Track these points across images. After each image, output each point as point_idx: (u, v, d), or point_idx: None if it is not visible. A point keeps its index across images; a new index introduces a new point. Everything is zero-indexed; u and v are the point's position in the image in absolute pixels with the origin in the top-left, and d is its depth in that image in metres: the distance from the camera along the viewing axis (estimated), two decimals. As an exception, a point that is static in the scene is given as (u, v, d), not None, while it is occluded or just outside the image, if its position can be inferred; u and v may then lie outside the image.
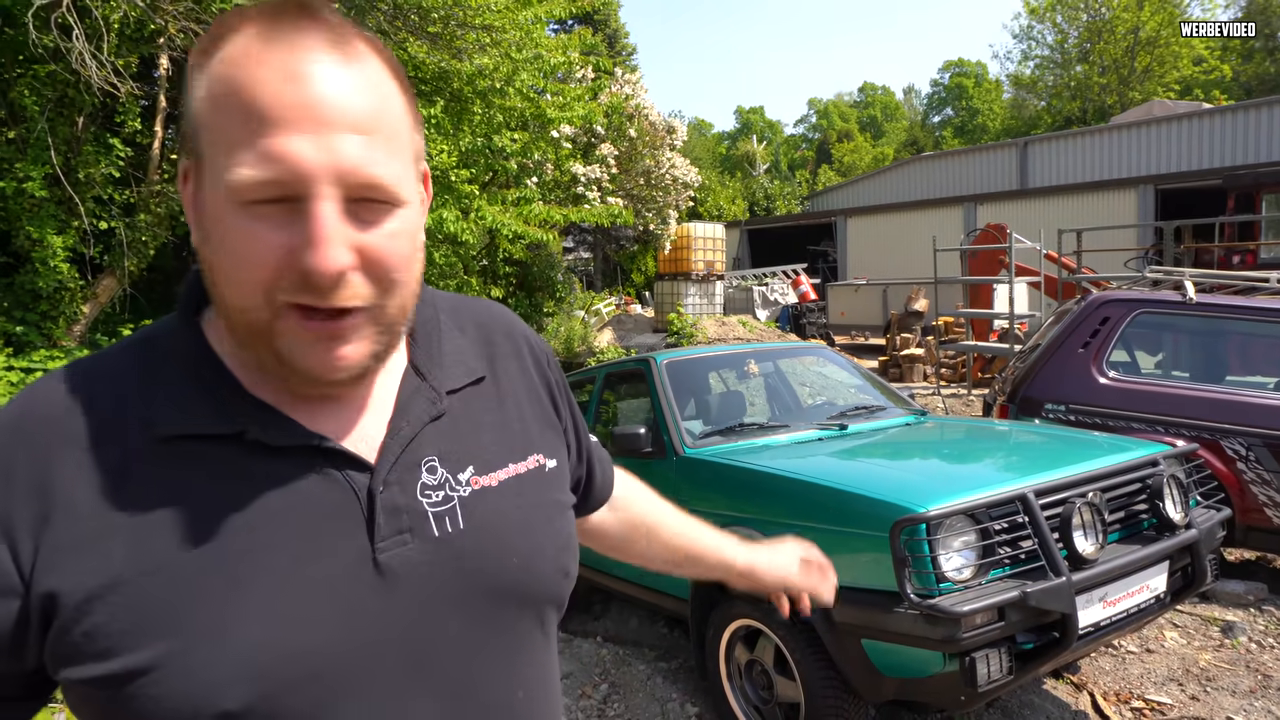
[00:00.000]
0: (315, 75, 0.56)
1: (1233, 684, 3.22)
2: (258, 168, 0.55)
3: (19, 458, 0.59)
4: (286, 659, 0.59)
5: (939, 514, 2.19)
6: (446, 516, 0.67)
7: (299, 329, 0.59)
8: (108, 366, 0.64)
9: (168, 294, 9.65)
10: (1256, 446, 3.98)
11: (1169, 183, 16.43)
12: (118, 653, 0.56)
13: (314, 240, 0.56)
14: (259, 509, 0.61)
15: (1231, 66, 34.65)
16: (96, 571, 0.57)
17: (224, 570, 0.58)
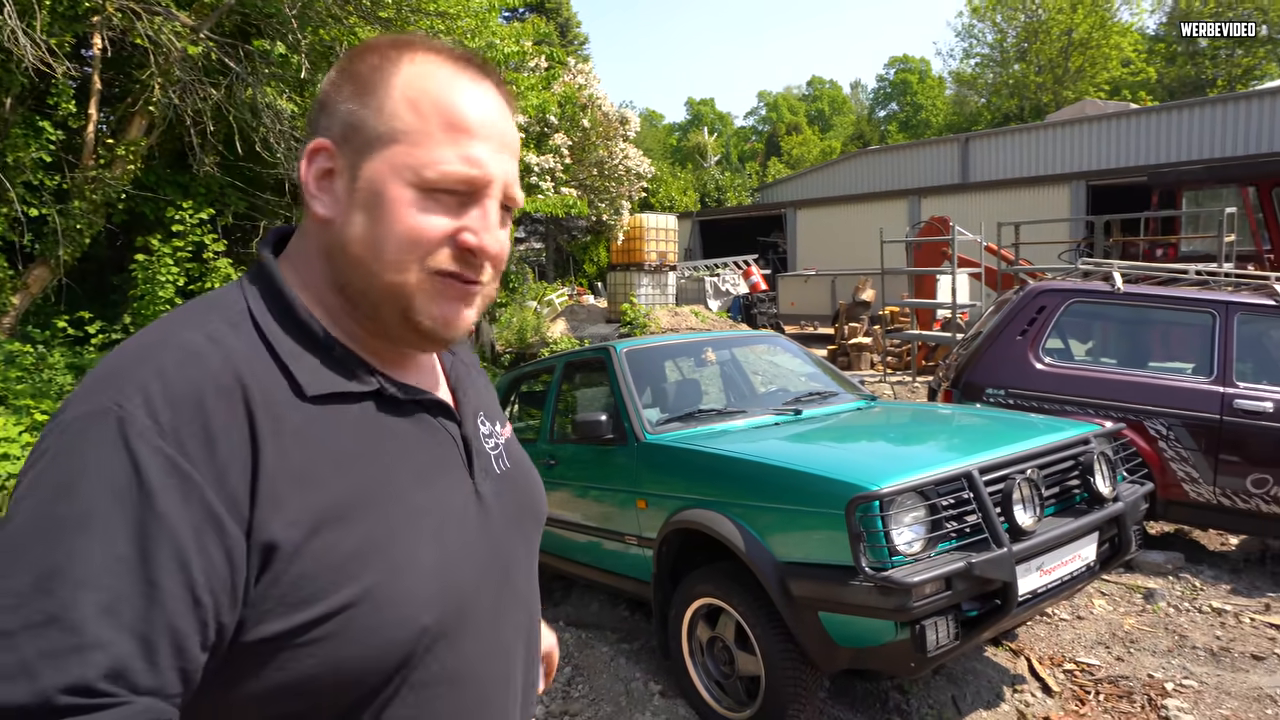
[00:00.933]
0: (502, 111, 0.74)
1: (1153, 645, 3.47)
2: (461, 165, 0.70)
3: (217, 425, 0.61)
4: (455, 575, 0.71)
5: (891, 491, 2.32)
6: (500, 458, 0.84)
7: (441, 287, 0.72)
8: (234, 336, 0.67)
9: (103, 284, 9.29)
10: (1176, 427, 4.26)
11: (1099, 179, 17.18)
12: (325, 594, 0.62)
13: (486, 227, 0.72)
14: (403, 452, 0.72)
15: (1156, 69, 36.25)
16: (301, 520, 0.62)
17: (398, 507, 0.68)
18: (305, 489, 0.63)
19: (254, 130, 6.57)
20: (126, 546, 0.56)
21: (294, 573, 0.61)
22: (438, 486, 0.73)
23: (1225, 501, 4.17)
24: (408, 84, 0.70)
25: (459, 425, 0.79)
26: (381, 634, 0.64)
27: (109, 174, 6.81)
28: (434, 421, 0.76)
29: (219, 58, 6.20)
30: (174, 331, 0.65)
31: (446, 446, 0.76)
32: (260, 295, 0.72)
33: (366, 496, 0.66)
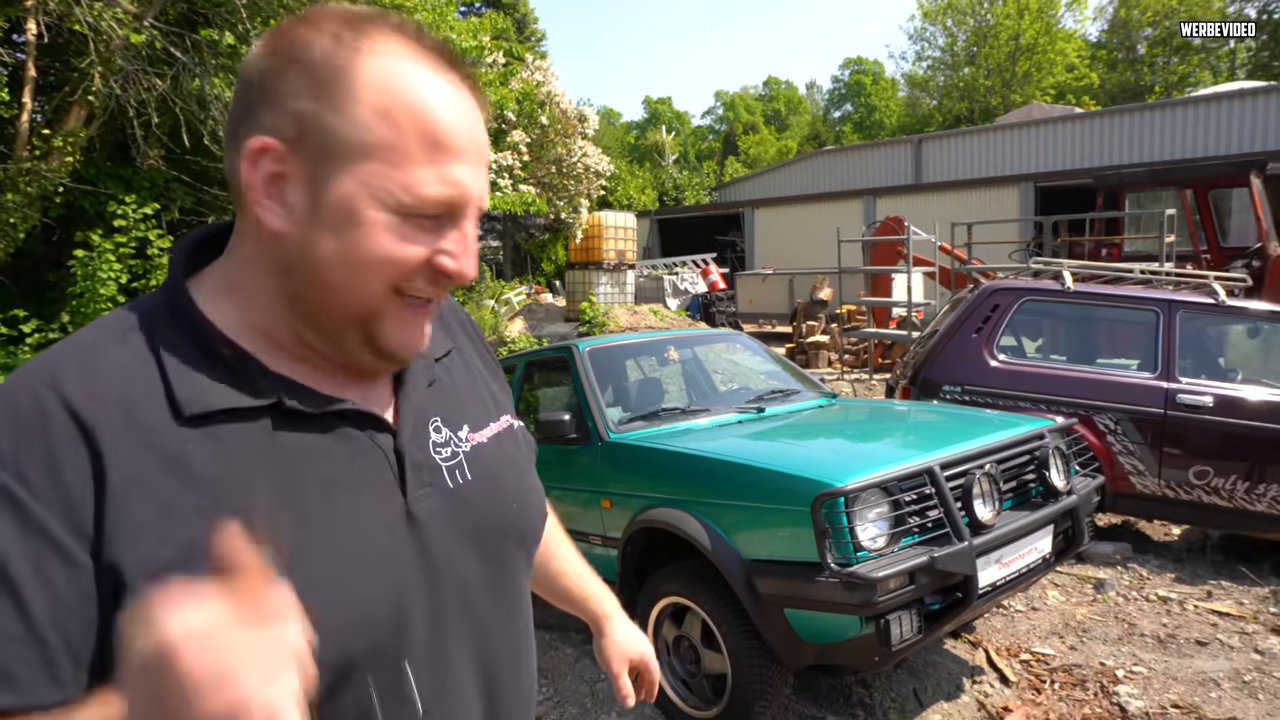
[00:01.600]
0: (477, 117, 0.67)
1: (1104, 633, 3.58)
2: (442, 188, 0.64)
3: (61, 448, 0.57)
4: (352, 613, 0.64)
5: (856, 488, 2.33)
6: (456, 470, 0.75)
7: (405, 312, 0.68)
8: (112, 347, 0.63)
9: (38, 280, 8.89)
10: (1123, 421, 4.40)
11: (1047, 180, 17.69)
12: None
13: (465, 250, 0.67)
14: (302, 474, 0.65)
15: (1098, 75, 37.51)
16: (155, 555, 0.57)
17: (291, 533, 0.62)
18: (170, 520, 0.58)
19: (201, 123, 6.35)
20: None
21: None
22: (345, 506, 0.65)
23: (1169, 493, 4.32)
24: (377, 85, 0.62)
25: (394, 436, 0.71)
26: None
27: (45, 166, 6.52)
28: (357, 434, 0.69)
29: (164, 47, 5.98)
30: (53, 351, 0.63)
31: (369, 461, 0.69)
32: (165, 305, 0.67)
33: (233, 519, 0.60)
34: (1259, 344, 4.84)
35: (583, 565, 1.11)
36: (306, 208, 0.63)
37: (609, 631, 1.08)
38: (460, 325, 0.90)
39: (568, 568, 1.09)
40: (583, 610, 1.10)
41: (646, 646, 1.06)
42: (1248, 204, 9.05)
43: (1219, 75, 33.74)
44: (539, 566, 1.03)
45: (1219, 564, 4.41)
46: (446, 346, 0.83)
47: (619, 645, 1.07)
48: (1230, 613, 3.75)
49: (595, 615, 1.09)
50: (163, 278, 5.31)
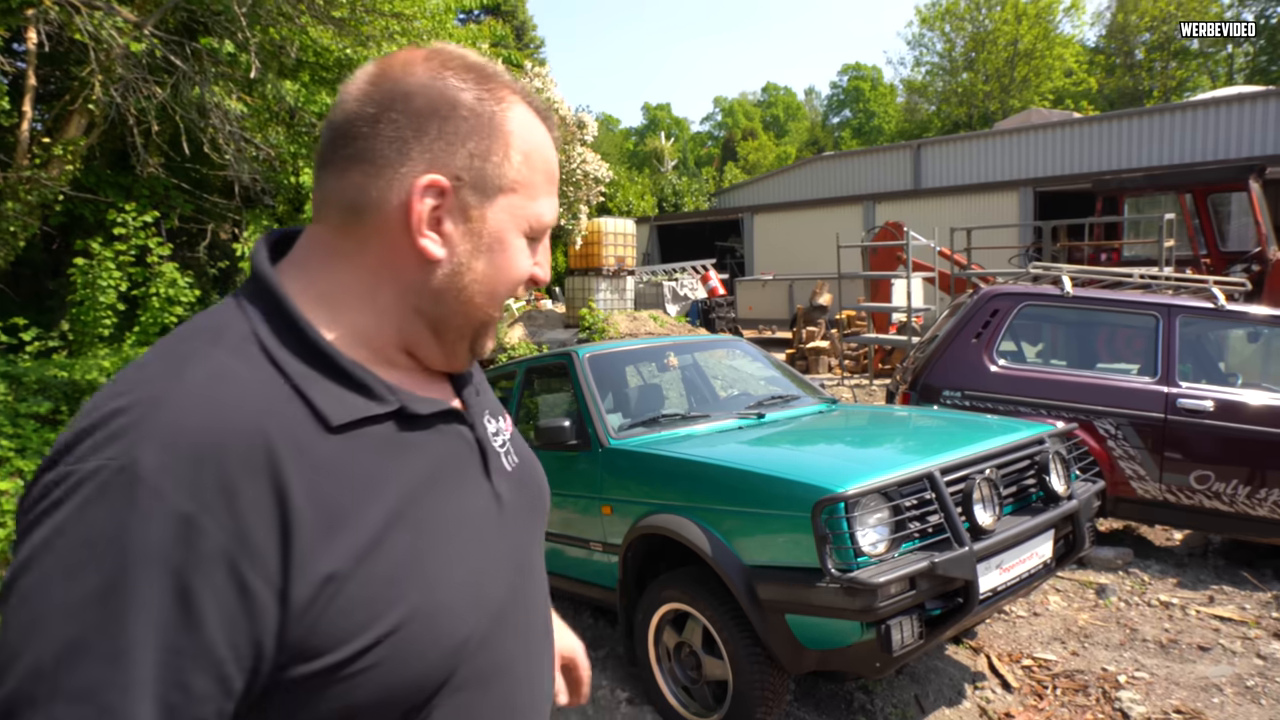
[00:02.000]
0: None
1: (1106, 639, 3.57)
2: (551, 214, 0.78)
3: (240, 476, 0.57)
4: (485, 580, 0.73)
5: (856, 493, 2.33)
6: (507, 455, 0.85)
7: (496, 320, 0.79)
8: (245, 369, 0.63)
9: (39, 289, 8.91)
10: (1124, 426, 4.40)
11: (1046, 185, 17.71)
12: (372, 622, 0.62)
13: (545, 264, 0.81)
14: (426, 468, 0.72)
15: (1097, 80, 37.61)
16: (334, 562, 0.61)
17: (429, 523, 0.69)
18: (339, 526, 0.61)
19: (201, 131, 6.36)
20: (145, 617, 0.53)
21: (334, 612, 0.60)
22: (461, 495, 0.74)
23: (1170, 498, 4.31)
24: (521, 136, 0.74)
25: (472, 429, 0.79)
26: (426, 653, 0.65)
27: (45, 174, 6.53)
28: (452, 430, 0.76)
29: (164, 55, 6.00)
30: (178, 370, 0.61)
31: (465, 453, 0.77)
32: (264, 317, 0.67)
33: (397, 519, 0.66)
34: (1259, 348, 4.83)
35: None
36: (462, 237, 0.72)
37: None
38: None
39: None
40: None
41: (577, 644, 1.07)
42: (1247, 208, 9.07)
43: (1217, 80, 33.84)
44: None
45: (1221, 569, 4.40)
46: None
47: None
48: (1232, 618, 3.74)
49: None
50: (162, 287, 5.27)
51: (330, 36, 6.78)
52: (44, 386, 6.30)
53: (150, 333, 6.98)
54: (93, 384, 6.27)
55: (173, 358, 0.62)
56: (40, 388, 6.27)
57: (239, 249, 8.38)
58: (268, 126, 7.82)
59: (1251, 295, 7.10)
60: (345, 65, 7.37)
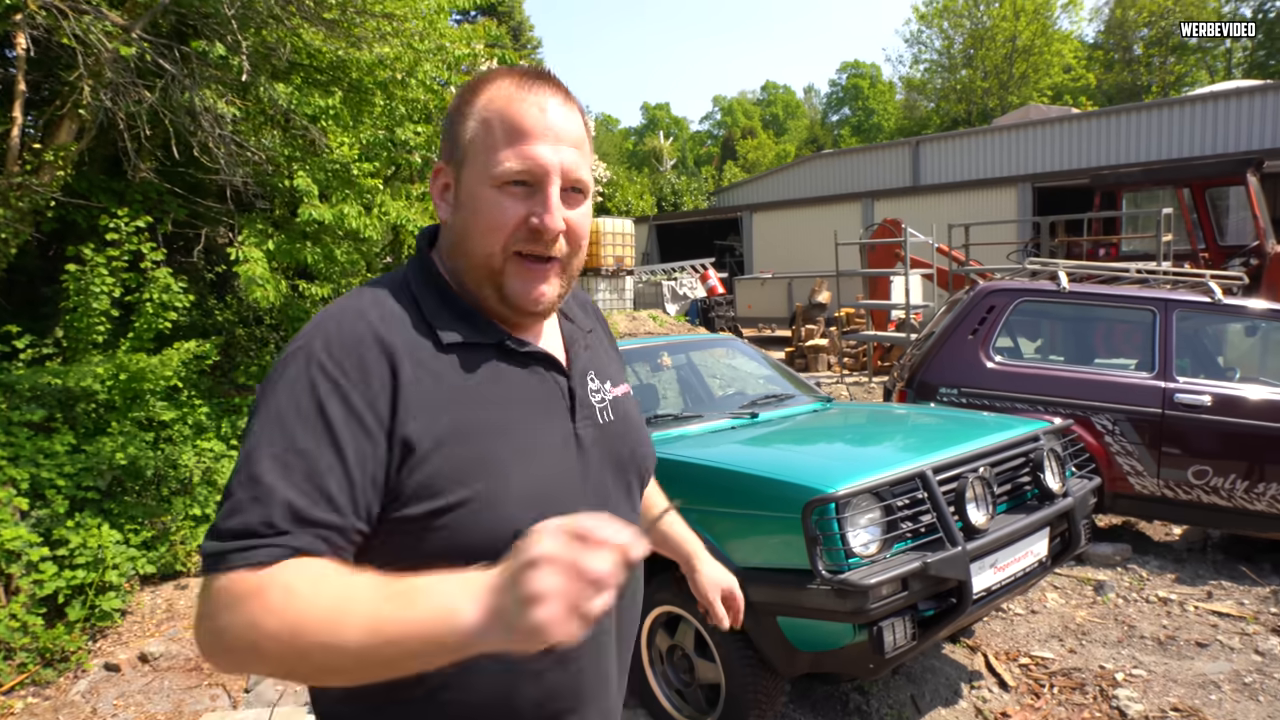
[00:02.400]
0: (555, 110, 0.91)
1: (1104, 636, 3.54)
2: (516, 162, 0.88)
3: (370, 360, 0.84)
4: (546, 495, 0.88)
5: (847, 493, 2.30)
6: (605, 410, 1.01)
7: (520, 269, 0.92)
8: (392, 299, 0.91)
9: (35, 296, 8.88)
10: (1121, 422, 4.37)
11: (1044, 181, 17.68)
12: (448, 491, 0.83)
13: (549, 209, 0.89)
14: (516, 394, 0.91)
15: (1095, 75, 37.55)
16: (431, 433, 0.83)
17: (507, 434, 0.88)
18: (434, 412, 0.84)
19: (192, 135, 6.35)
20: (305, 437, 0.80)
21: (422, 473, 0.82)
22: (541, 422, 0.91)
23: (1168, 493, 4.28)
24: (484, 105, 0.91)
25: (567, 379, 0.96)
26: (487, 528, 0.82)
27: (36, 180, 6.50)
28: (545, 373, 0.95)
29: (154, 59, 5.97)
30: (353, 297, 0.91)
31: (553, 394, 0.94)
32: (418, 273, 0.95)
33: (483, 423, 0.86)
34: (1257, 342, 4.80)
35: (672, 512, 1.29)
36: (454, 200, 0.93)
37: (699, 567, 1.28)
38: (594, 315, 1.15)
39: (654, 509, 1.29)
40: (674, 550, 1.29)
41: (732, 579, 1.29)
42: (1245, 202, 9.03)
43: (1215, 75, 33.78)
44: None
45: (1219, 564, 4.37)
46: (590, 326, 1.10)
47: (709, 577, 1.27)
48: (1231, 613, 3.71)
49: (685, 554, 1.28)
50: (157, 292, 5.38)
51: (321, 38, 6.75)
52: (37, 394, 6.28)
53: (144, 338, 6.95)
54: (87, 391, 6.23)
55: (355, 292, 0.93)
56: (33, 395, 6.25)
57: (233, 253, 8.36)
58: (262, 130, 7.79)
59: (1250, 289, 7.07)
60: (338, 67, 7.34)
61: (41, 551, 4.00)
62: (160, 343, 7.32)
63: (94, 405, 5.88)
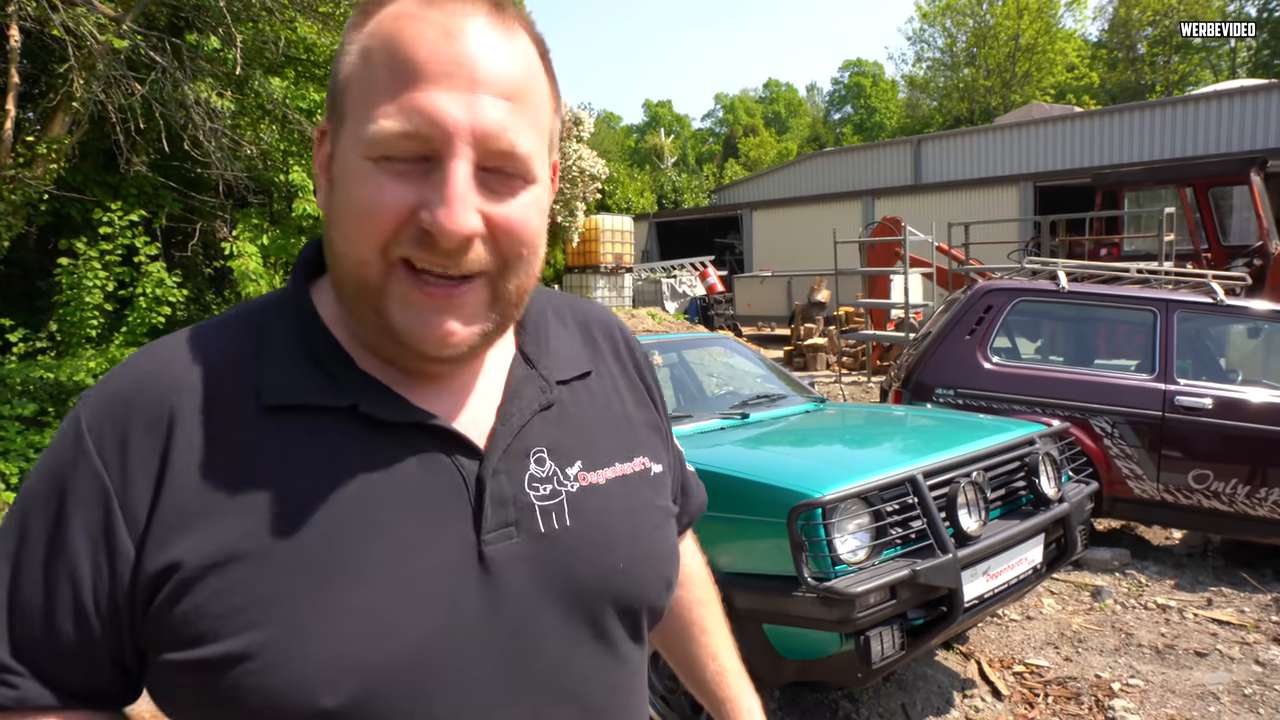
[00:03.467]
0: (473, 35, 0.56)
1: (1101, 644, 3.47)
2: (398, 119, 0.54)
3: (135, 429, 0.58)
4: (389, 655, 0.56)
5: (834, 498, 2.24)
6: (553, 512, 0.64)
7: (411, 291, 0.57)
8: (221, 335, 0.63)
9: (28, 290, 8.84)
10: (1120, 424, 4.30)
11: (1046, 180, 17.59)
12: (217, 637, 0.54)
13: (446, 198, 0.54)
14: (367, 489, 0.58)
15: (1099, 74, 37.40)
16: (202, 549, 0.55)
17: (328, 556, 0.56)
18: (222, 512, 0.55)
19: (182, 128, 6.29)
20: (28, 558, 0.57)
21: (187, 603, 0.54)
22: (405, 534, 0.58)
23: (1168, 497, 4.21)
24: (369, 34, 0.57)
25: (478, 461, 0.62)
26: (269, 703, 0.53)
27: (29, 173, 6.46)
28: (436, 455, 0.61)
29: (146, 52, 5.92)
30: (161, 343, 0.64)
31: (443, 486, 0.60)
32: (285, 295, 0.65)
33: (303, 533, 0.56)
34: (1259, 344, 4.73)
35: (732, 659, 0.93)
36: (330, 178, 0.60)
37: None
38: (612, 348, 0.78)
39: (710, 656, 0.92)
40: (716, 711, 0.92)
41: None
42: (1248, 202, 8.95)
43: (1219, 74, 33.63)
44: (678, 644, 0.92)
45: (1220, 569, 4.30)
46: (581, 368, 0.73)
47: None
48: (1231, 621, 3.64)
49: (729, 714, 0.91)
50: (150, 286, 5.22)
51: (316, 32, 6.69)
52: (29, 388, 6.24)
53: (138, 333, 6.91)
54: (79, 385, 6.20)
55: (208, 321, 0.65)
56: (25, 389, 6.20)
57: (228, 248, 8.31)
58: (260, 124, 7.74)
59: (1253, 290, 6.99)
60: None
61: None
62: (154, 337, 7.25)
63: (84, 400, 5.82)
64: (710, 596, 0.95)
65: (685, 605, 0.92)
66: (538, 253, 0.61)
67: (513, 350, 0.70)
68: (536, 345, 0.71)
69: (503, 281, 0.59)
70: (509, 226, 0.57)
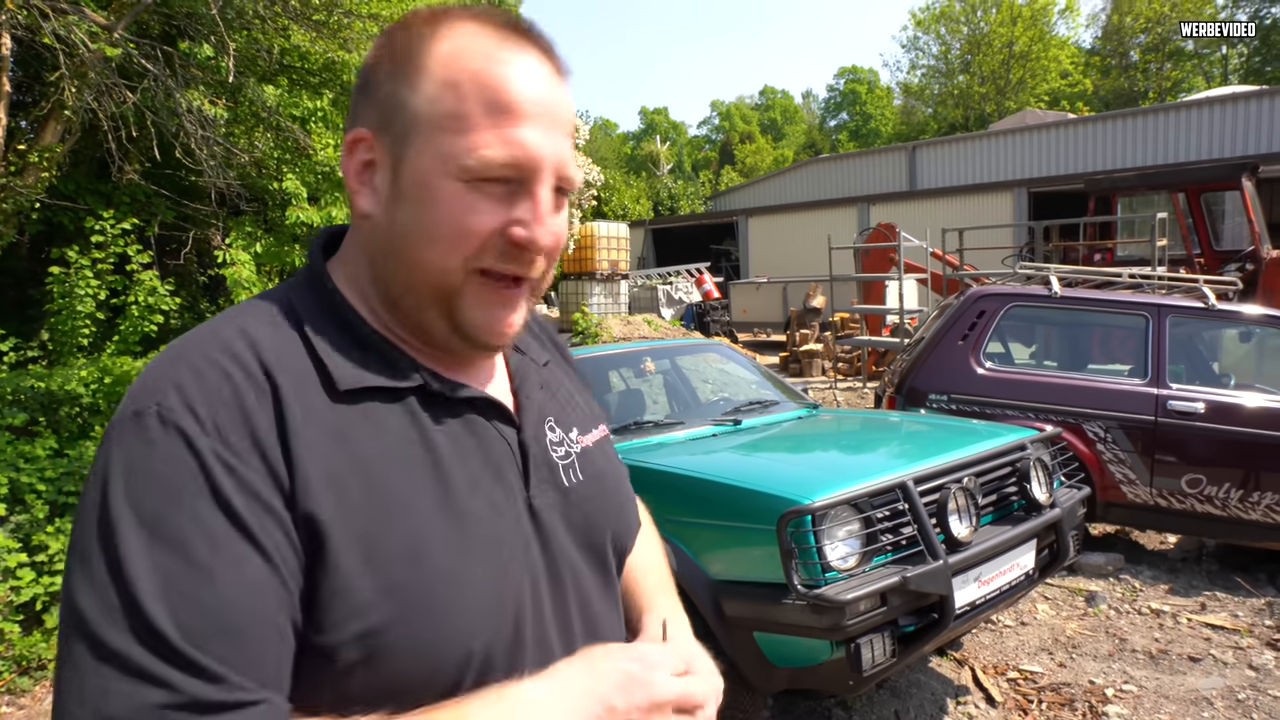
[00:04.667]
0: (548, 81, 0.67)
1: (1094, 649, 3.46)
2: (501, 150, 0.64)
3: (250, 410, 0.59)
4: (502, 597, 0.66)
5: (824, 505, 2.23)
6: (570, 469, 0.77)
7: (485, 292, 0.67)
8: (267, 332, 0.65)
9: (19, 299, 8.81)
10: (1114, 429, 4.30)
11: (1040, 186, 17.65)
12: (372, 605, 0.58)
13: (538, 218, 0.66)
14: (446, 456, 0.66)
15: (1092, 81, 37.59)
16: (339, 516, 0.59)
17: (439, 516, 0.64)
18: (334, 493, 0.60)
19: (174, 136, 6.29)
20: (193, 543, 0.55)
21: (337, 578, 0.58)
22: (484, 495, 0.67)
23: (1162, 502, 4.21)
24: (448, 60, 0.65)
25: (518, 430, 0.73)
26: (424, 657, 0.60)
27: (20, 182, 6.44)
28: (486, 424, 0.71)
29: (138, 60, 5.91)
30: (210, 330, 0.65)
31: (499, 452, 0.71)
32: (305, 293, 0.70)
33: (402, 504, 0.62)
34: (1251, 348, 4.74)
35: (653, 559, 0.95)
36: (389, 188, 0.66)
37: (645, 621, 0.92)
38: (548, 338, 0.91)
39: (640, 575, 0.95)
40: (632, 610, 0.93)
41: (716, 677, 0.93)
42: (1240, 207, 8.98)
43: (1212, 80, 33.82)
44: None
45: (1214, 574, 4.30)
46: (545, 356, 0.86)
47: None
48: (1225, 626, 3.63)
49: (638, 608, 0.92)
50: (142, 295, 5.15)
51: (309, 40, 6.70)
52: (20, 397, 6.21)
53: (130, 341, 6.87)
54: (70, 394, 6.16)
55: (210, 324, 0.66)
56: (15, 399, 6.17)
57: (221, 256, 8.29)
58: (253, 132, 7.73)
59: (1245, 294, 7.01)
60: (328, 69, 7.29)
61: (19, 558, 3.92)
62: (147, 346, 7.24)
63: (77, 409, 5.80)
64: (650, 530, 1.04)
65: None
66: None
67: None
68: (520, 337, 0.79)
69: (541, 279, 0.70)
70: (558, 239, 0.69)
